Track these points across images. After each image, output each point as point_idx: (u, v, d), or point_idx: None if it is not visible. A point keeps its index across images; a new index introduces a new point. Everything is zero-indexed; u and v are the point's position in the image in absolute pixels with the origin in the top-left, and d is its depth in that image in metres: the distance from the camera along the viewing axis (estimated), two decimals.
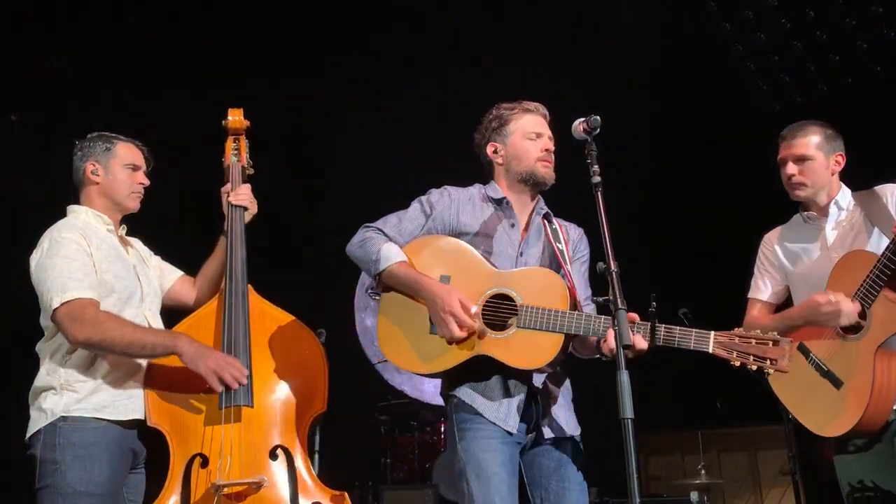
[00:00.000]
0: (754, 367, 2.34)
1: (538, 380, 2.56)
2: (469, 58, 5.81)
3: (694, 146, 6.14)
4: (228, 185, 3.01)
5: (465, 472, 2.47)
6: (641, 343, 2.33)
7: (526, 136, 2.76)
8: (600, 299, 2.26)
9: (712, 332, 2.37)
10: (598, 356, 2.48)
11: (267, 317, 2.81)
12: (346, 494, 2.60)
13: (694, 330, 2.39)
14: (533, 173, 2.73)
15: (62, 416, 2.52)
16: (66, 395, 2.55)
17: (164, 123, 4.88)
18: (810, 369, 2.81)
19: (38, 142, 5.28)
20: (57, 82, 5.43)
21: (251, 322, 2.74)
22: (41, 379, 2.62)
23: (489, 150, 2.82)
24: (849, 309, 2.67)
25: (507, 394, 2.53)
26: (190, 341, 2.60)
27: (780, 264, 3.04)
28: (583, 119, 2.46)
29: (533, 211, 2.78)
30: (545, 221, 2.77)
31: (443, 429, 6.61)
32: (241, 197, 2.96)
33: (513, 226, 2.71)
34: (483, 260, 2.61)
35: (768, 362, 2.32)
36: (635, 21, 5.58)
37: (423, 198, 2.77)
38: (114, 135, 2.89)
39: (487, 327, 2.51)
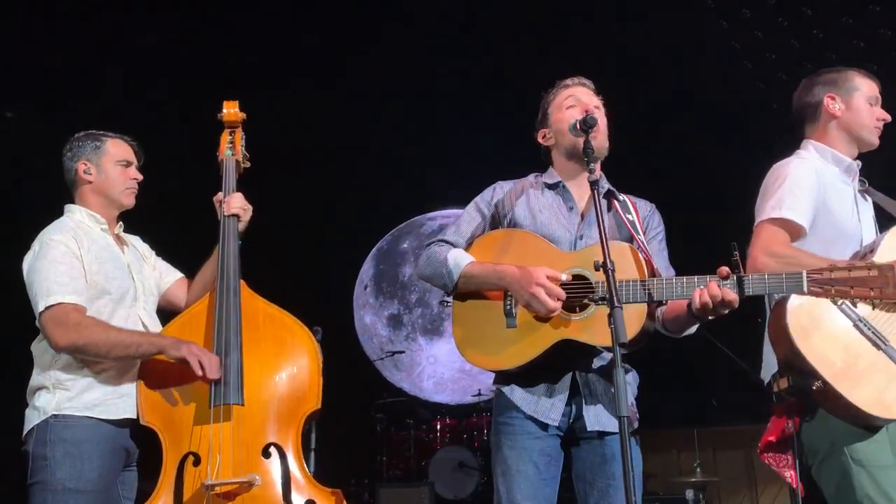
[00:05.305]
0: (858, 302, 2.10)
1: (584, 370, 2.47)
2: None
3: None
4: (220, 194, 2.93)
5: (495, 469, 2.50)
6: (730, 294, 2.20)
7: (562, 108, 2.64)
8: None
9: (804, 271, 2.17)
10: (695, 321, 2.38)
11: (259, 312, 2.76)
12: (341, 492, 2.57)
13: (784, 273, 2.21)
14: (572, 144, 2.60)
15: (53, 414, 2.52)
16: (59, 393, 2.55)
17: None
18: (859, 338, 2.30)
19: (35, 138, 5.27)
20: (54, 78, 5.42)
21: (243, 318, 2.69)
22: (35, 378, 2.62)
23: (540, 137, 2.73)
24: None
25: (551, 385, 2.46)
26: (175, 339, 2.59)
27: (819, 199, 2.50)
28: (579, 118, 2.48)
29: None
30: (612, 199, 2.60)
31: (439, 426, 6.64)
32: (233, 209, 2.87)
33: (571, 209, 2.61)
34: (549, 244, 2.52)
35: (872, 291, 2.07)
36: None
37: (477, 198, 2.71)
38: (102, 132, 2.85)
39: (566, 311, 2.40)
